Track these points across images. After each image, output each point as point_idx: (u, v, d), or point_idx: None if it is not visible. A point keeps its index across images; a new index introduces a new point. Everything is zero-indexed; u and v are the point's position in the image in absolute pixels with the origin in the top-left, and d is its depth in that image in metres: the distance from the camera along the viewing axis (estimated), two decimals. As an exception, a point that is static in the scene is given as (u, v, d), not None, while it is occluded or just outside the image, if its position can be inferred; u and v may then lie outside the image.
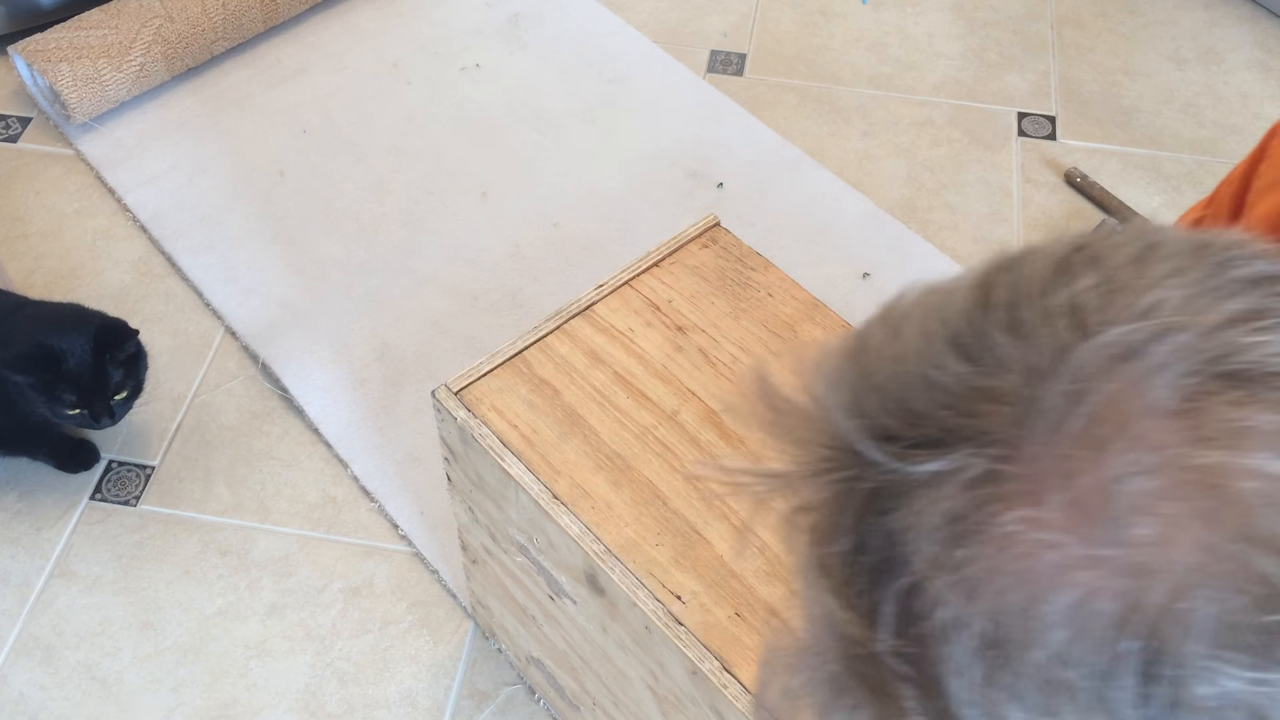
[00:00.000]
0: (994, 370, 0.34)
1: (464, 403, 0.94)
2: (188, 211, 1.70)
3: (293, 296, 1.60)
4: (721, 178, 1.75)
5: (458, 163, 1.77)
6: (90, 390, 1.27)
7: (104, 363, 1.28)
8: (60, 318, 1.31)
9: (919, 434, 0.34)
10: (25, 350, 1.25)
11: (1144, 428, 0.32)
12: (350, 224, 1.69)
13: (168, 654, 1.29)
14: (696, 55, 1.96)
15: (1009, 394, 0.34)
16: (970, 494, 0.33)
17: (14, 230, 1.68)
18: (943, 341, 0.36)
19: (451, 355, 1.53)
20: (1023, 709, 0.33)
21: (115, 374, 1.29)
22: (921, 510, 0.34)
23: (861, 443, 0.35)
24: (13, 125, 1.82)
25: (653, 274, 1.02)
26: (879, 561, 0.35)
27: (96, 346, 1.27)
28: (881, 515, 0.35)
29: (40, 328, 1.28)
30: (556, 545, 0.90)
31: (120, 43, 1.75)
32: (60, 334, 1.26)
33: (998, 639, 0.33)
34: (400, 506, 1.40)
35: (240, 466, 1.44)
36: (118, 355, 1.29)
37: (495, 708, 1.26)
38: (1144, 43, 2.01)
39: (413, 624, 1.32)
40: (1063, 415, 0.33)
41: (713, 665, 0.80)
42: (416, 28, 1.98)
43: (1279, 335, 0.33)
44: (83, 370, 1.26)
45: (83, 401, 1.27)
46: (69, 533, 1.38)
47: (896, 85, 1.92)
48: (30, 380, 1.25)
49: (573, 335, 0.98)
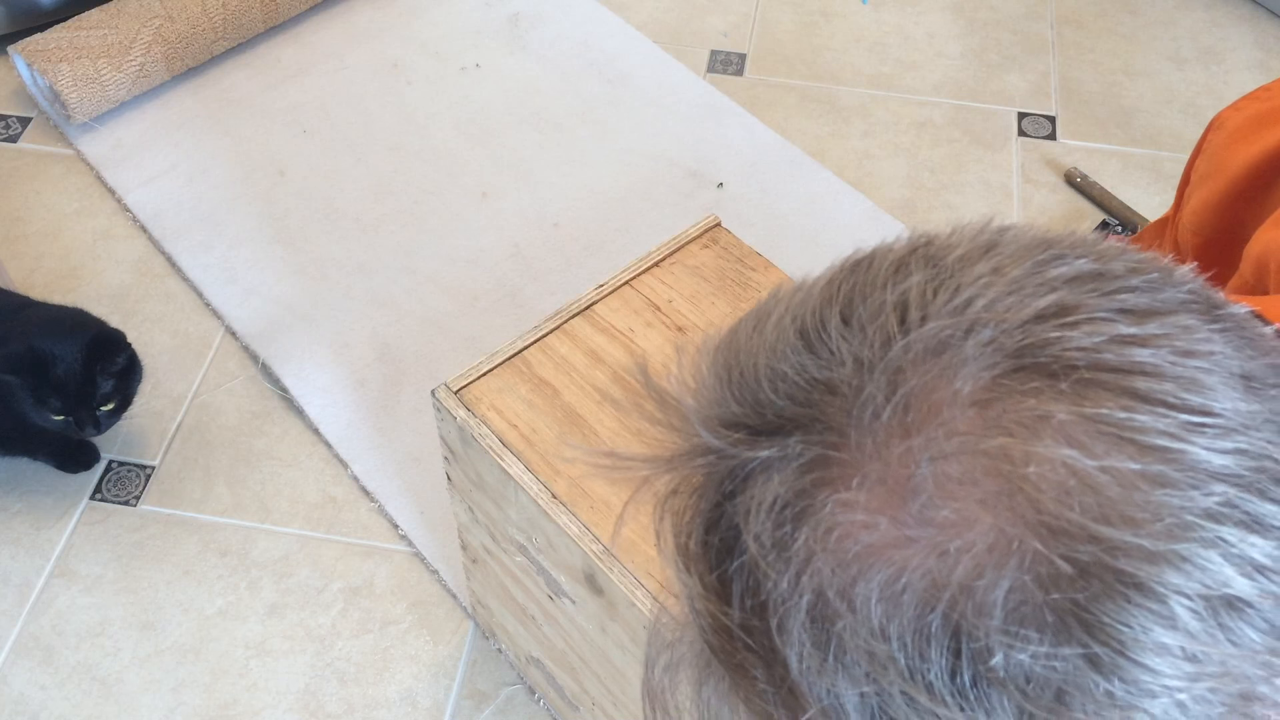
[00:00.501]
0: (829, 362, 0.37)
1: (464, 402, 0.94)
2: (188, 211, 1.70)
3: (293, 296, 1.60)
4: (721, 178, 1.75)
5: (458, 163, 1.77)
6: (76, 399, 1.27)
7: (93, 373, 1.27)
8: (57, 322, 1.30)
9: (762, 422, 0.37)
10: (15, 351, 1.25)
11: (947, 416, 0.35)
12: (350, 224, 1.69)
13: (168, 654, 1.29)
14: (696, 55, 1.96)
15: (840, 384, 0.36)
16: (798, 479, 0.36)
17: (14, 230, 1.68)
18: (792, 334, 0.38)
19: (451, 355, 1.53)
20: (850, 680, 0.35)
21: (104, 385, 1.28)
22: (756, 494, 0.36)
23: (711, 431, 0.38)
24: (13, 125, 1.82)
25: (653, 274, 1.02)
26: (724, 542, 0.37)
27: (88, 356, 1.27)
28: (728, 498, 0.37)
29: (36, 330, 1.28)
30: (555, 545, 0.90)
31: (120, 43, 1.75)
32: (54, 339, 1.26)
33: (822, 614, 0.35)
34: (400, 506, 1.40)
35: (240, 466, 1.44)
36: (108, 367, 1.28)
37: (495, 708, 1.26)
38: (1144, 43, 2.01)
39: (413, 624, 1.32)
40: (880, 405, 0.35)
41: (712, 665, 0.80)
42: (416, 28, 1.98)
43: (1082, 331, 0.35)
44: (70, 378, 1.26)
45: (68, 409, 1.27)
46: (69, 533, 1.38)
47: (896, 85, 1.92)
48: (17, 381, 1.25)
49: (573, 335, 0.98)
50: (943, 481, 0.34)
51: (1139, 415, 0.34)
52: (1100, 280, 0.37)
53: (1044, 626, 0.33)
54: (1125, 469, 0.33)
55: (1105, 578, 0.33)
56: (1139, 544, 0.33)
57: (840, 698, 0.35)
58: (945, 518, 0.34)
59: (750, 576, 0.37)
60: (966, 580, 0.33)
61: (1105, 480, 0.33)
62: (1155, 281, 0.37)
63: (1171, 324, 0.36)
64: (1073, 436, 0.34)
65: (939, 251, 0.39)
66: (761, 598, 0.36)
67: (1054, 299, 0.36)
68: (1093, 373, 0.34)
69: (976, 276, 0.37)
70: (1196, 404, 0.34)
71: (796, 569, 0.35)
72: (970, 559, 0.33)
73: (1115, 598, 0.33)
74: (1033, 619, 0.33)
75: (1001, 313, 0.36)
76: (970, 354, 0.35)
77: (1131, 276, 0.37)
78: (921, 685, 0.34)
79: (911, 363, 0.36)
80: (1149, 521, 0.33)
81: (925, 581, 0.34)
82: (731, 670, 0.39)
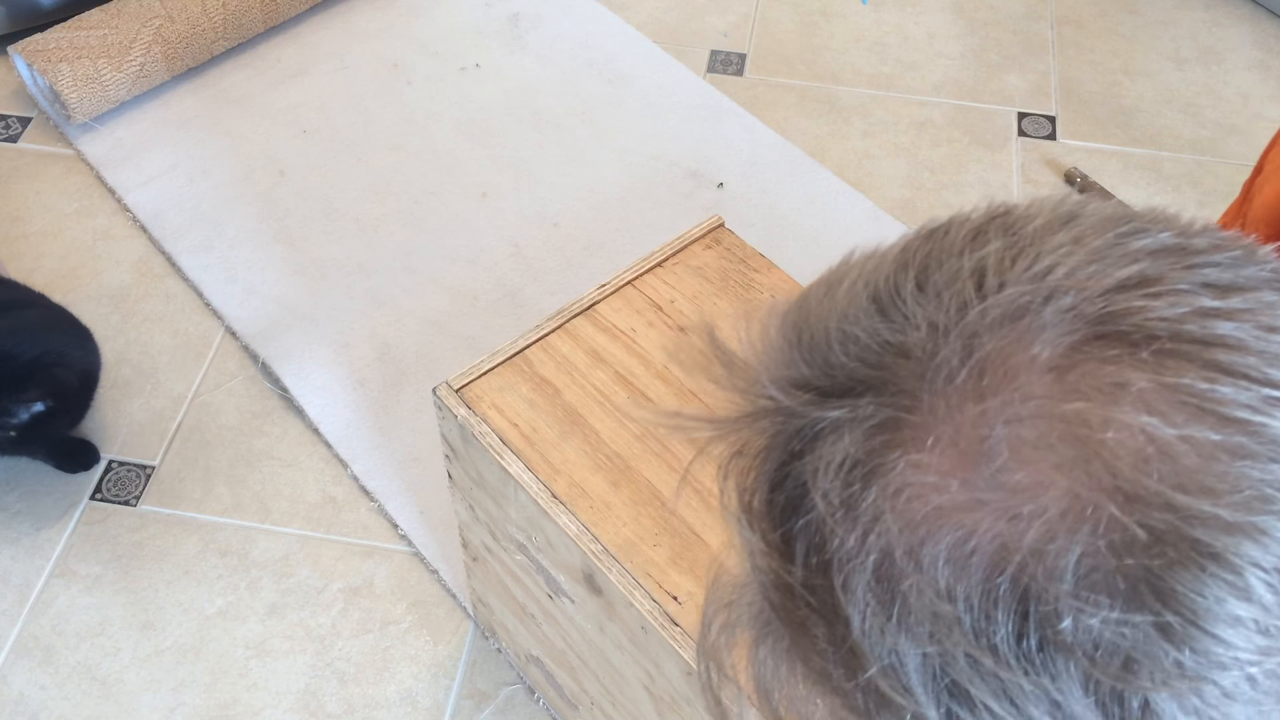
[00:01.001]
0: (903, 326, 0.37)
1: (465, 400, 0.94)
2: (188, 211, 1.70)
3: (293, 296, 1.60)
4: (721, 178, 1.75)
5: (458, 163, 1.77)
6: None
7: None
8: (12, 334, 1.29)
9: (832, 384, 0.37)
10: None
11: (1023, 381, 0.35)
12: (350, 224, 1.69)
13: (168, 654, 1.29)
14: (696, 55, 1.96)
15: (914, 348, 0.36)
16: (869, 439, 0.36)
17: (14, 230, 1.68)
18: (864, 299, 0.38)
19: (451, 355, 1.53)
20: (913, 641, 0.35)
21: (17, 411, 1.27)
22: (825, 453, 0.36)
23: (782, 391, 0.38)
24: (13, 125, 1.82)
25: (655, 274, 1.02)
26: (789, 500, 0.37)
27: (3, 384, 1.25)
28: (795, 458, 0.37)
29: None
30: (555, 544, 0.90)
31: (120, 43, 1.75)
32: None
33: (888, 574, 0.35)
34: (400, 506, 1.40)
35: (240, 466, 1.44)
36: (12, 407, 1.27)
37: (495, 707, 1.26)
38: (1144, 43, 2.01)
39: (413, 624, 1.32)
40: (955, 369, 0.35)
41: (712, 665, 0.80)
42: (416, 28, 1.98)
43: (1164, 302, 0.35)
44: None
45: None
46: (69, 533, 1.38)
47: (896, 85, 1.92)
48: None
49: (574, 334, 0.98)
50: (1017, 445, 0.34)
51: (1221, 387, 0.34)
52: (1183, 254, 0.37)
53: (1115, 593, 0.33)
54: (1205, 439, 0.33)
55: (1180, 546, 0.32)
56: (1216, 514, 0.32)
57: (902, 658, 0.35)
58: (1018, 481, 0.34)
59: (816, 534, 0.37)
60: (1038, 544, 0.33)
61: (1184, 449, 0.33)
62: (1238, 258, 0.37)
63: (1254, 299, 0.36)
64: (1152, 404, 0.34)
65: (1018, 221, 0.39)
66: (826, 556, 0.36)
67: (1136, 269, 0.36)
68: (1174, 343, 0.34)
69: (1057, 245, 0.37)
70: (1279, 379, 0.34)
71: (864, 528, 0.35)
72: (1042, 523, 0.33)
73: (1190, 567, 0.32)
74: (1104, 585, 0.33)
75: (1082, 280, 0.36)
76: (1049, 320, 0.35)
77: (1214, 252, 0.37)
78: (986, 648, 0.34)
79: (988, 328, 0.36)
80: (1227, 493, 0.33)
81: (995, 544, 0.34)
82: (791, 629, 0.39)
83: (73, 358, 1.32)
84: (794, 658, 0.39)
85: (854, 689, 0.37)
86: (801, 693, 0.40)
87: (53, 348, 1.30)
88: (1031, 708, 0.34)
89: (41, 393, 1.27)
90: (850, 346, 0.37)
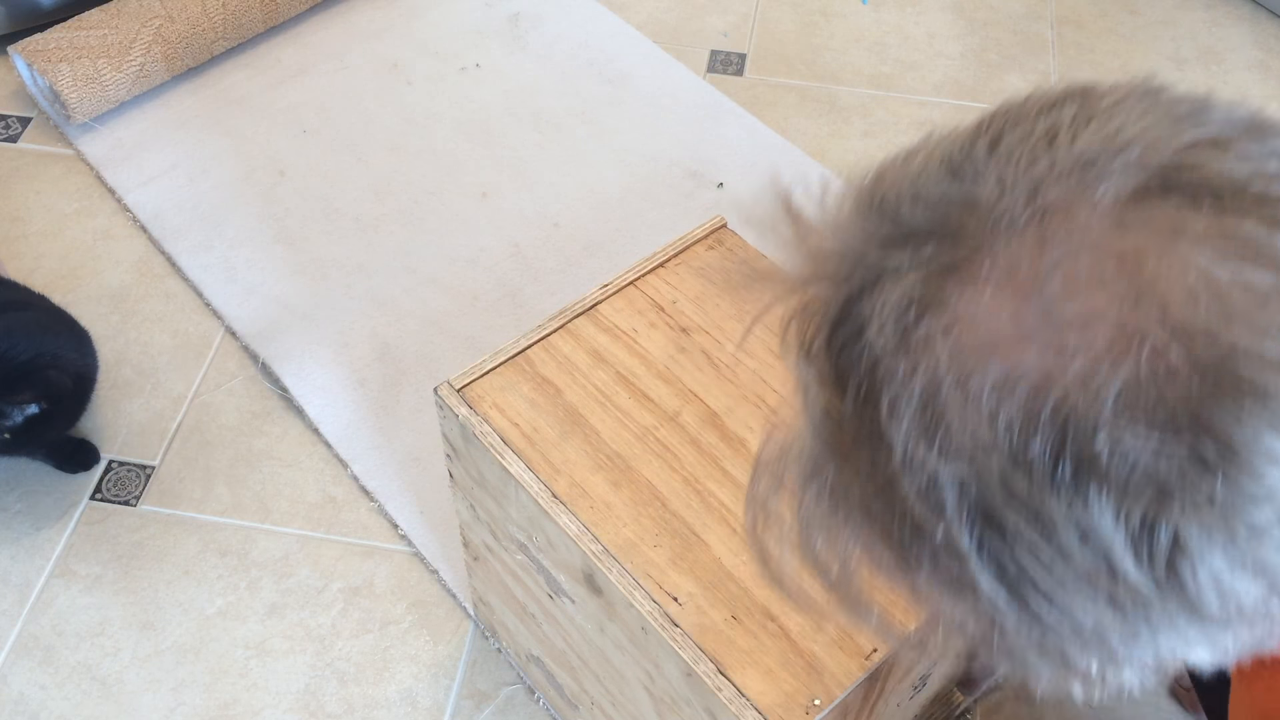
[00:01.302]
0: (972, 181, 0.38)
1: (466, 400, 0.94)
2: (188, 211, 1.70)
3: (293, 296, 1.60)
4: (721, 178, 1.75)
5: (458, 163, 1.77)
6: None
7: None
8: (8, 335, 1.28)
9: (897, 233, 0.39)
10: None
11: (1082, 222, 0.36)
12: (350, 224, 1.69)
13: (168, 654, 1.29)
14: (696, 55, 1.96)
15: (980, 200, 0.38)
16: (928, 281, 0.37)
17: (14, 230, 1.68)
18: (937, 164, 0.40)
19: (451, 355, 1.53)
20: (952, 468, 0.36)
21: (10, 413, 1.27)
22: (885, 292, 0.38)
23: (852, 241, 0.40)
24: (13, 125, 1.82)
25: (658, 274, 1.02)
26: (848, 336, 0.39)
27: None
28: (857, 300, 0.39)
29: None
30: (555, 544, 0.90)
31: (120, 43, 1.75)
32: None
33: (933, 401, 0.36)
34: (400, 506, 1.40)
35: (240, 466, 1.44)
36: (4, 408, 1.26)
37: (495, 707, 1.26)
38: (1144, 43, 2.01)
39: (413, 624, 1.32)
40: (1017, 214, 0.37)
41: (708, 667, 0.80)
42: (416, 28, 1.98)
43: (1232, 161, 0.36)
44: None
45: None
46: (69, 533, 1.38)
47: (896, 85, 1.92)
48: None
49: (576, 334, 0.98)
50: (1070, 281, 0.35)
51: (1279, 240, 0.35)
52: (1257, 127, 0.38)
53: (1154, 423, 0.34)
54: (1258, 282, 0.34)
55: (1223, 380, 0.33)
56: (1262, 352, 0.33)
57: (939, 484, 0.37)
58: (1069, 315, 0.35)
59: (868, 363, 0.38)
60: (1082, 374, 0.34)
61: (1236, 291, 0.34)
62: None
63: None
64: (1208, 247, 0.34)
65: (1096, 93, 0.40)
66: (876, 384, 0.38)
67: (1207, 131, 0.37)
68: (1236, 199, 0.35)
69: (1132, 110, 0.38)
70: None
71: (915, 357, 0.37)
72: (1089, 354, 0.34)
73: (1231, 399, 0.33)
74: (1144, 414, 0.34)
75: (1152, 138, 0.37)
76: (1115, 169, 0.36)
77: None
78: (1023, 473, 0.35)
79: (1055, 178, 0.37)
80: (1276, 334, 0.33)
81: (1040, 374, 0.35)
82: (837, 461, 0.40)
83: (67, 360, 1.32)
84: (837, 496, 0.41)
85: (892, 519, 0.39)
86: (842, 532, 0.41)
87: (48, 350, 1.30)
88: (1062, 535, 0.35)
89: (35, 395, 1.27)
90: (919, 203, 0.39)
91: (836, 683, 0.79)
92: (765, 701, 0.78)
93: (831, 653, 0.80)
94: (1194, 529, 0.34)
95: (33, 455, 1.42)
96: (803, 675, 0.79)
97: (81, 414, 1.39)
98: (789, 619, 0.82)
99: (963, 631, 0.41)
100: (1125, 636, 0.38)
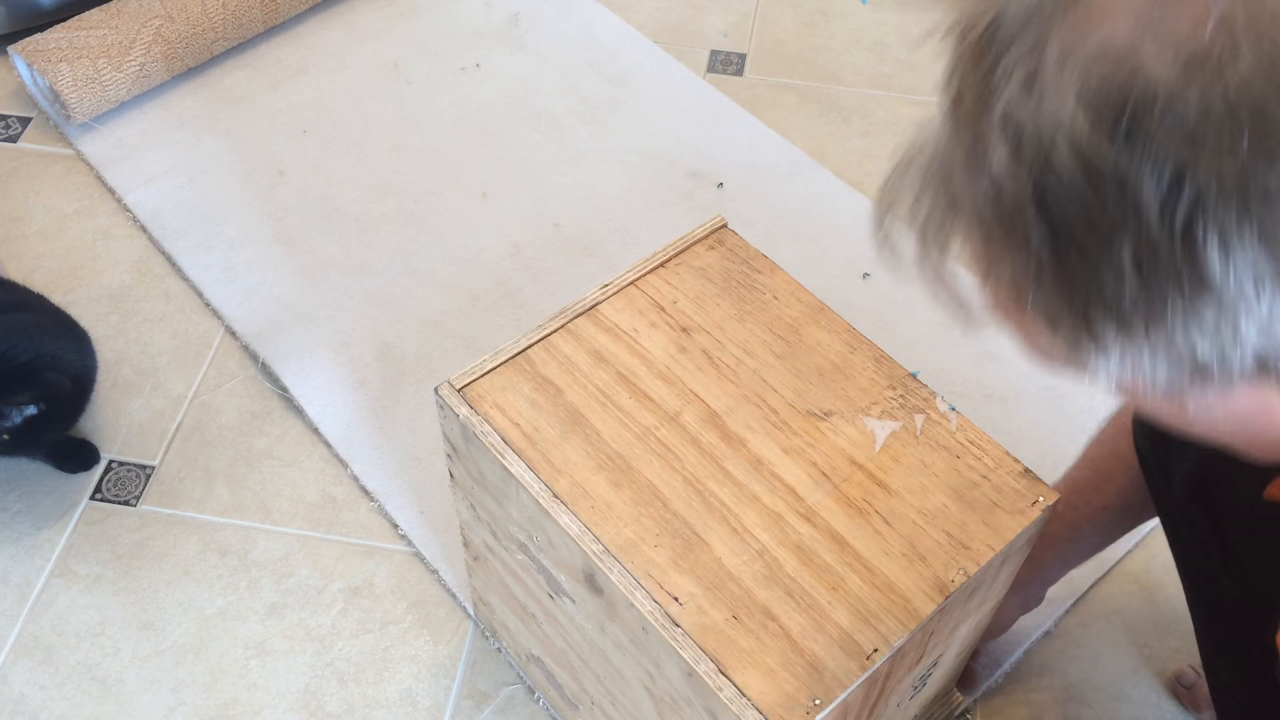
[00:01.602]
0: None
1: (466, 400, 0.94)
2: (188, 211, 1.70)
3: (293, 296, 1.60)
4: (721, 178, 1.75)
5: (458, 163, 1.77)
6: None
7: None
8: (6, 336, 1.28)
9: None
10: None
11: None
12: (350, 224, 1.69)
13: (168, 654, 1.29)
14: (696, 55, 1.96)
15: None
16: None
17: (14, 230, 1.68)
18: None
19: (451, 355, 1.53)
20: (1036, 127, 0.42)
21: (9, 414, 1.27)
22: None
23: None
24: (13, 125, 1.82)
25: (658, 274, 1.02)
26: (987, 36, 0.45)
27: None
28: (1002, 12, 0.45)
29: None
30: (555, 544, 0.90)
31: (120, 43, 1.75)
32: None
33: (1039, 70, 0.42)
34: (400, 506, 1.40)
35: (240, 466, 1.44)
36: (2, 409, 1.26)
37: (495, 707, 1.26)
38: (1144, 43, 2.01)
39: (413, 624, 1.32)
40: None
41: (708, 667, 0.80)
42: (416, 28, 1.98)
43: None
44: None
45: None
46: (69, 533, 1.38)
47: (896, 85, 1.92)
48: None
49: (577, 334, 0.98)
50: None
51: None
52: None
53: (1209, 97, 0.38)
54: None
55: (1275, 71, 0.38)
56: None
57: (1021, 133, 0.42)
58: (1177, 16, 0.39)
59: (992, 41, 0.44)
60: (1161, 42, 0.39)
61: None
62: None
63: None
64: None
65: None
66: (995, 58, 0.44)
67: None
68: None
69: None
70: None
71: (1035, 34, 0.42)
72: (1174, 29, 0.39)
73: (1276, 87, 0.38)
74: (1199, 86, 0.39)
75: None
76: None
77: None
78: (1088, 124, 0.40)
79: None
80: None
81: (1128, 41, 0.40)
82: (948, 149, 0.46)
83: (66, 361, 1.32)
84: (944, 180, 0.47)
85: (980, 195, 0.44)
86: (945, 230, 0.47)
87: (46, 351, 1.30)
88: (1106, 186, 0.40)
89: (33, 396, 1.27)
90: None
91: (837, 683, 0.79)
92: (766, 701, 0.78)
93: (832, 653, 0.80)
94: (1213, 185, 0.38)
95: (33, 455, 1.41)
96: (803, 675, 0.79)
97: (81, 415, 1.39)
98: (789, 619, 0.82)
99: (1015, 287, 0.46)
100: (1138, 302, 0.42)
